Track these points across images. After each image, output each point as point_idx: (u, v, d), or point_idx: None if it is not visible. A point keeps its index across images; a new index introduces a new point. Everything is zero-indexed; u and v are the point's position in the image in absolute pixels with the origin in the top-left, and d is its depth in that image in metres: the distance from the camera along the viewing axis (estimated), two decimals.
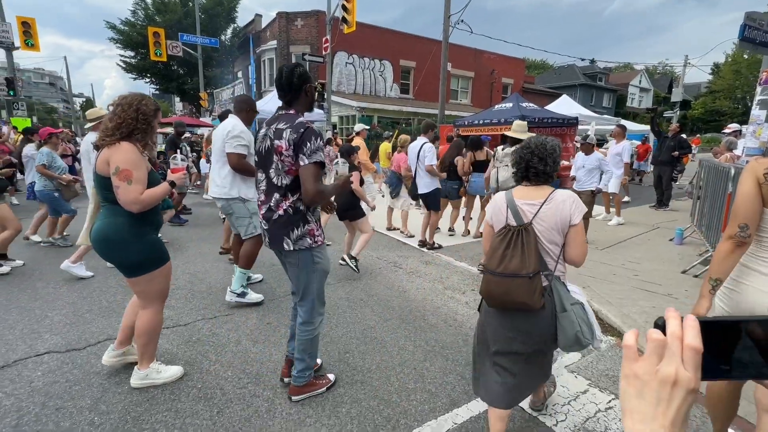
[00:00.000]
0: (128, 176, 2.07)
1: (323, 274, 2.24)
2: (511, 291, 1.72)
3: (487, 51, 24.98)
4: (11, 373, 2.51)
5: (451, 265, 4.97)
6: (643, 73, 43.41)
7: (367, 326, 3.28)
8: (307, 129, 1.99)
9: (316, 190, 1.99)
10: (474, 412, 2.28)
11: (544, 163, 1.83)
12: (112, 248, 2.20)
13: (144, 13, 23.40)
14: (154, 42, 16.93)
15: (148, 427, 2.09)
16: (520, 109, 12.23)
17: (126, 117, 2.16)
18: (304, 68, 2.16)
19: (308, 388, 2.34)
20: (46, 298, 3.64)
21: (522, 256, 1.72)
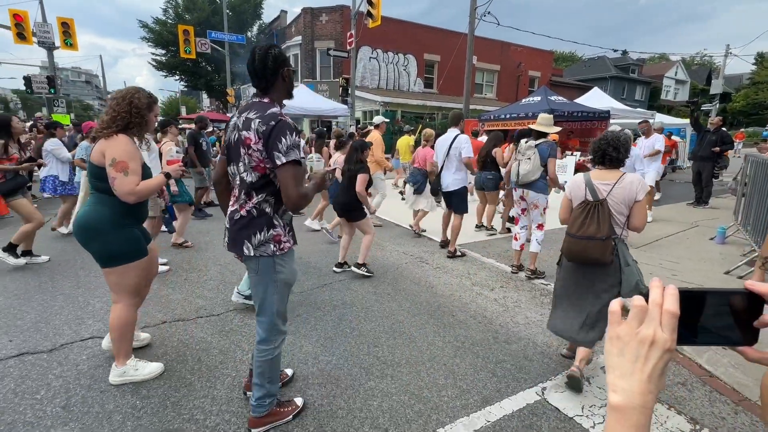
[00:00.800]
0: (124, 167, 2.13)
1: (285, 286, 1.94)
2: (588, 249, 2.34)
3: (513, 43, 24.40)
4: (59, 356, 2.64)
5: (478, 261, 4.90)
6: (679, 64, 41.41)
7: (395, 321, 3.27)
8: (279, 122, 1.72)
9: (299, 194, 1.73)
10: (507, 411, 2.23)
11: (617, 151, 2.37)
12: (91, 235, 2.21)
13: (174, 11, 24.05)
14: (184, 39, 17.37)
15: (186, 412, 2.16)
16: (548, 103, 11.91)
17: (120, 110, 2.21)
18: (280, 49, 1.87)
19: (270, 418, 2.03)
20: (88, 286, 3.81)
21: (597, 224, 2.31)
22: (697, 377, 2.59)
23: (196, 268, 4.37)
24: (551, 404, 2.30)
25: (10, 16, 13.68)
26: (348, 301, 3.62)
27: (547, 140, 4.11)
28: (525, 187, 4.17)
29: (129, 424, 2.05)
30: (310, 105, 14.13)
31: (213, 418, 2.12)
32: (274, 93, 1.86)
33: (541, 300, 3.76)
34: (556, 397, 2.35)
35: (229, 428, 2.05)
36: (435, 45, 21.28)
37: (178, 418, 2.12)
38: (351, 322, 3.24)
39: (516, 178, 4.18)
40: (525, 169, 4.07)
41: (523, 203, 4.30)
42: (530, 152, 4.09)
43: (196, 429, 2.04)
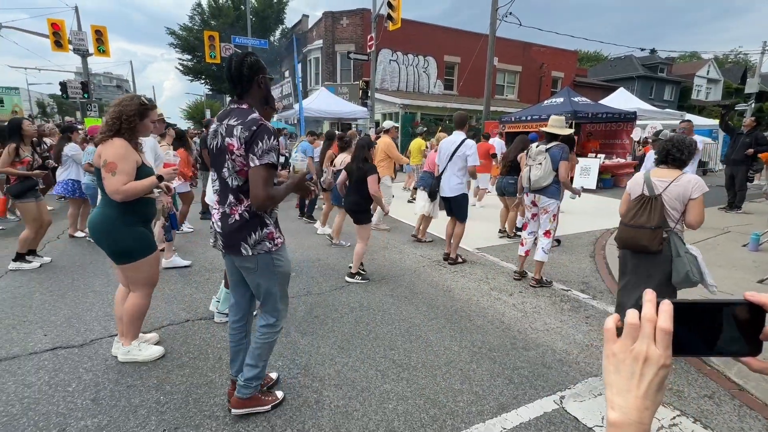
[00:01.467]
0: (113, 168, 2.27)
1: (284, 276, 2.07)
2: (637, 237, 2.62)
3: (536, 44, 24.00)
4: (90, 351, 2.77)
5: (497, 265, 4.85)
6: (711, 62, 39.75)
7: (412, 324, 3.28)
8: (260, 127, 1.79)
9: (266, 195, 1.80)
10: (524, 419, 2.21)
11: (681, 153, 2.61)
12: (100, 236, 2.40)
13: (200, 18, 24.79)
14: (209, 45, 17.88)
15: (207, 409, 2.23)
16: (571, 104, 11.69)
17: (113, 116, 2.35)
18: (257, 58, 1.93)
19: (252, 403, 2.14)
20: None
21: (648, 215, 2.57)
22: (725, 390, 2.49)
23: (218, 267, 4.49)
24: (570, 413, 2.26)
25: (48, 25, 14.40)
26: (365, 304, 3.65)
27: (558, 143, 3.98)
28: (537, 192, 4.05)
29: (153, 419, 2.13)
30: (330, 107, 14.31)
31: (232, 415, 2.17)
32: (249, 98, 1.93)
33: (561, 306, 3.69)
34: (574, 407, 2.31)
35: (248, 426, 2.10)
36: (455, 46, 21.16)
37: (199, 414, 2.18)
38: (368, 324, 3.26)
39: (528, 184, 4.04)
40: (536, 175, 3.94)
41: (534, 208, 4.18)
42: (541, 157, 3.95)
43: (216, 426, 2.10)
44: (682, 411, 2.29)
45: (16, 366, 2.57)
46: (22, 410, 2.17)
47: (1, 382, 2.40)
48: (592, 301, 3.83)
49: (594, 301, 3.83)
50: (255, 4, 23.75)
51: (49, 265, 4.47)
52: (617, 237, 2.86)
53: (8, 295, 3.66)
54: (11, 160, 4.24)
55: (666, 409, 2.30)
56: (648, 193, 2.65)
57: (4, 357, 2.67)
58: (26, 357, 2.68)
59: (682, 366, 2.75)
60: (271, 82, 2.03)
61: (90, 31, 15.36)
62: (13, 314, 3.28)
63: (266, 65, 2.02)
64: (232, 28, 22.93)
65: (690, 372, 2.68)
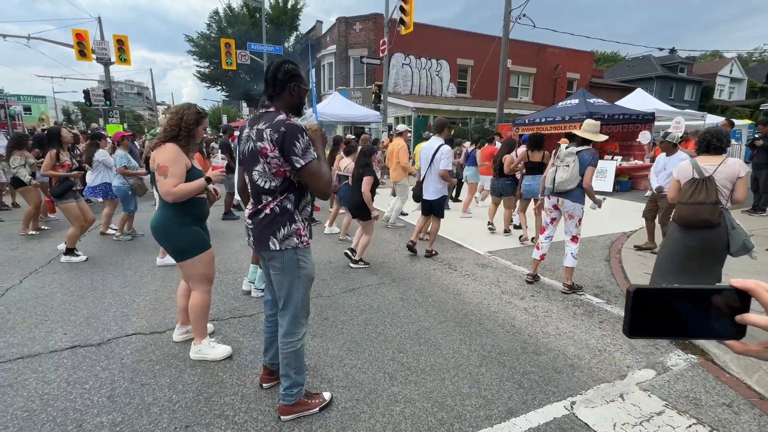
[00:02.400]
0: (164, 171, 2.41)
1: (308, 280, 2.09)
2: (699, 212, 2.94)
3: (550, 45, 23.73)
4: (106, 350, 2.85)
5: (509, 269, 4.79)
6: (734, 60, 38.61)
7: (421, 327, 3.27)
8: (288, 127, 1.84)
9: (326, 184, 1.95)
10: (533, 424, 2.18)
11: (720, 141, 3.02)
12: (160, 235, 2.59)
13: (217, 26, 25.34)
14: (226, 52, 18.26)
15: (217, 408, 2.27)
16: (587, 106, 11.51)
17: (171, 123, 2.52)
18: (294, 66, 2.00)
19: (299, 408, 2.18)
20: (134, 285, 4.08)
21: (706, 192, 2.92)
22: (745, 399, 2.40)
23: (231, 270, 4.57)
24: (580, 420, 2.22)
25: (73, 35, 14.96)
26: (375, 306, 3.65)
27: (589, 148, 3.85)
28: (560, 196, 3.94)
29: (165, 417, 2.18)
30: (343, 112, 14.41)
31: (242, 415, 2.21)
32: (279, 102, 1.99)
33: (574, 311, 3.63)
34: (585, 413, 2.27)
35: (256, 426, 2.13)
36: (468, 49, 21.10)
37: (209, 413, 2.22)
38: (377, 327, 3.27)
39: (552, 185, 3.94)
40: (562, 177, 3.82)
41: (555, 212, 4.08)
42: (570, 159, 3.82)
43: (226, 424, 2.14)
44: (699, 419, 2.22)
45: (37, 363, 2.66)
46: (42, 406, 2.25)
47: (22, 379, 2.49)
48: (606, 305, 3.75)
49: (608, 305, 3.75)
50: (270, 11, 24.16)
51: (70, 266, 4.62)
52: (677, 217, 3.13)
53: (31, 295, 3.80)
54: (53, 164, 4.68)
55: (682, 417, 2.24)
56: (698, 176, 3.02)
57: (26, 354, 2.77)
58: (47, 355, 2.77)
59: (699, 373, 2.68)
60: (306, 93, 2.07)
61: (112, 40, 15.89)
62: (36, 313, 3.40)
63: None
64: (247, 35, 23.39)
65: (707, 379, 2.60)
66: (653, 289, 0.64)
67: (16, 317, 3.33)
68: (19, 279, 4.19)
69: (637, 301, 0.64)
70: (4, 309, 3.48)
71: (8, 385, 2.43)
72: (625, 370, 2.70)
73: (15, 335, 3.03)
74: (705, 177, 2.99)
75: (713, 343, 2.91)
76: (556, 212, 4.08)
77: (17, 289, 3.95)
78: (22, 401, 2.28)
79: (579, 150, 3.85)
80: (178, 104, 2.64)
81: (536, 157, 5.57)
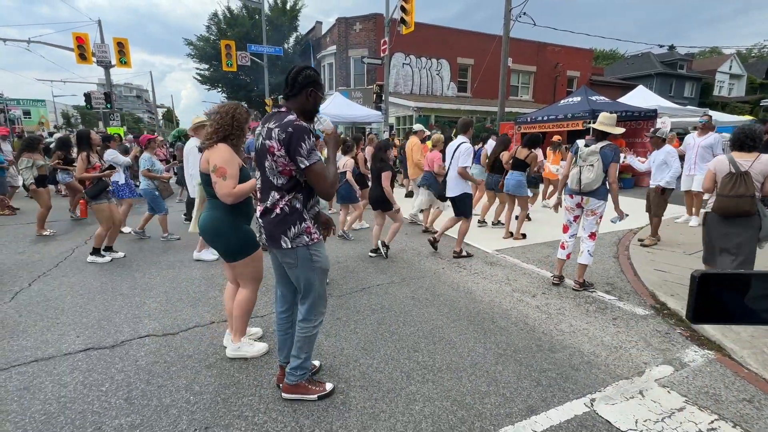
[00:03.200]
0: (223, 173, 2.39)
1: (323, 272, 2.18)
2: (739, 204, 3.21)
3: (550, 43, 23.75)
4: (120, 352, 2.83)
5: (518, 267, 4.78)
6: (734, 57, 38.62)
7: (434, 326, 3.26)
8: (295, 128, 1.91)
9: (329, 185, 2.01)
10: (554, 422, 2.16)
11: (753, 141, 3.30)
12: (214, 237, 2.57)
13: (217, 27, 25.33)
14: (226, 54, 18.26)
15: (236, 409, 2.25)
16: (589, 103, 11.49)
17: (223, 123, 2.48)
18: (315, 72, 2.08)
19: (299, 390, 2.29)
20: (144, 287, 4.07)
21: (746, 186, 3.20)
22: (765, 394, 2.39)
23: None
24: (601, 417, 2.20)
25: (73, 38, 14.94)
26: (386, 306, 3.64)
27: (610, 143, 3.79)
28: (587, 195, 3.86)
29: (184, 419, 2.17)
30: (345, 112, 14.41)
31: (261, 416, 2.20)
32: (293, 103, 2.06)
33: (586, 308, 3.62)
34: (606, 410, 2.25)
35: (276, 426, 2.12)
36: (468, 48, 21.10)
37: (228, 414, 2.21)
38: (390, 326, 3.26)
39: (578, 186, 3.84)
40: (588, 178, 3.74)
41: (578, 210, 4.00)
42: (593, 158, 3.74)
43: (246, 425, 2.13)
44: (721, 415, 2.21)
45: (52, 366, 2.65)
46: (59, 409, 2.24)
47: (38, 382, 2.48)
48: (618, 302, 3.74)
49: (620, 302, 3.74)
50: (269, 12, 24.15)
51: (79, 269, 4.61)
52: (717, 207, 3.35)
53: (41, 298, 3.78)
54: (85, 166, 4.73)
55: (703, 413, 2.23)
56: (735, 170, 3.27)
57: (40, 357, 2.75)
58: (61, 357, 2.76)
59: (717, 369, 2.66)
60: (321, 101, 2.14)
61: (112, 43, 15.87)
62: (47, 317, 3.39)
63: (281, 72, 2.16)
64: (247, 36, 23.39)
65: (726, 375, 2.59)
66: (718, 275, 0.64)
67: (27, 320, 3.32)
68: (27, 282, 4.18)
69: (702, 287, 0.64)
70: (15, 312, 3.47)
71: (24, 388, 2.42)
72: (642, 367, 2.69)
73: (28, 338, 3.02)
74: (742, 172, 3.24)
75: (730, 338, 2.90)
76: (579, 210, 4.00)
77: (27, 292, 3.93)
78: (40, 404, 2.27)
79: (601, 147, 3.76)
80: (224, 104, 2.64)
81: (521, 154, 5.87)
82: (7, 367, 2.64)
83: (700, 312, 0.65)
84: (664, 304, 3.62)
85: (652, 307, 3.61)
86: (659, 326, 3.27)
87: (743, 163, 3.26)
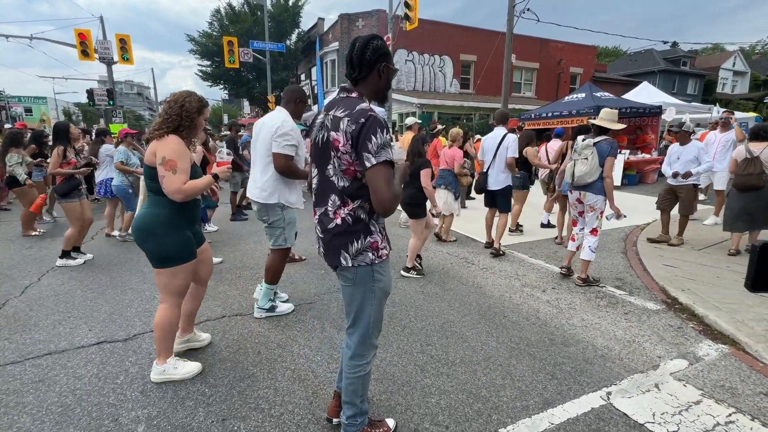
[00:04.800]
0: (173, 166, 2.17)
1: (383, 294, 1.78)
2: (750, 180, 4.46)
3: (554, 40, 23.63)
4: (133, 345, 2.83)
5: (525, 262, 4.77)
6: (737, 53, 38.42)
7: (446, 320, 3.25)
8: (369, 119, 1.53)
9: (392, 196, 1.54)
10: (571, 414, 2.16)
11: (765, 132, 4.66)
12: (147, 237, 2.27)
13: (219, 23, 25.26)
14: (228, 50, 18.21)
15: (252, 401, 2.25)
16: (594, 99, 11.47)
17: (171, 113, 2.26)
18: (383, 42, 1.69)
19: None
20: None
21: (755, 167, 4.46)
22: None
23: (248, 266, 4.55)
24: (618, 410, 2.20)
25: (75, 35, 14.89)
26: (397, 301, 3.64)
27: (607, 138, 3.82)
28: (582, 189, 3.91)
29: (201, 410, 2.17)
30: None
31: (277, 408, 2.19)
32: (364, 87, 1.70)
33: (597, 303, 3.61)
34: (623, 403, 2.25)
35: (293, 418, 2.12)
36: (471, 45, 21.01)
37: (244, 406, 2.21)
38: (401, 320, 3.25)
39: (571, 179, 3.90)
40: (581, 170, 3.78)
41: (580, 205, 4.03)
42: (587, 151, 3.78)
43: (263, 417, 2.12)
44: (738, 408, 2.20)
45: (66, 359, 2.65)
46: (76, 401, 2.24)
47: (53, 374, 2.48)
48: (629, 297, 3.73)
49: (631, 297, 3.73)
50: (271, 9, 24.07)
51: (87, 263, 4.61)
52: (735, 183, 4.73)
53: (51, 292, 3.78)
54: (60, 161, 4.48)
55: (720, 406, 2.22)
56: (749, 156, 4.54)
57: (53, 351, 2.76)
58: (74, 351, 2.76)
59: (732, 363, 2.66)
60: (395, 74, 1.80)
61: (114, 39, 15.83)
62: (58, 311, 3.39)
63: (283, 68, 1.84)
64: (249, 32, 23.32)
65: (741, 369, 2.58)
66: None
67: (39, 314, 3.32)
68: (37, 277, 4.18)
69: (764, 256, 0.63)
70: (26, 306, 3.47)
71: (39, 380, 2.42)
72: (656, 361, 2.68)
73: (40, 332, 3.02)
74: (754, 156, 4.53)
75: (744, 332, 2.89)
76: (581, 205, 4.02)
77: (36, 286, 3.94)
78: (56, 396, 2.27)
79: (596, 141, 3.81)
80: (176, 93, 2.35)
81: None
82: (21, 359, 2.64)
83: (759, 281, 0.64)
84: (675, 299, 3.61)
85: (663, 302, 3.60)
86: (671, 321, 3.26)
87: (755, 150, 4.55)
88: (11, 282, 4.04)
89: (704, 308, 3.29)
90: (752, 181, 4.45)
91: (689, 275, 4.07)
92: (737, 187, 4.61)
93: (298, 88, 3.32)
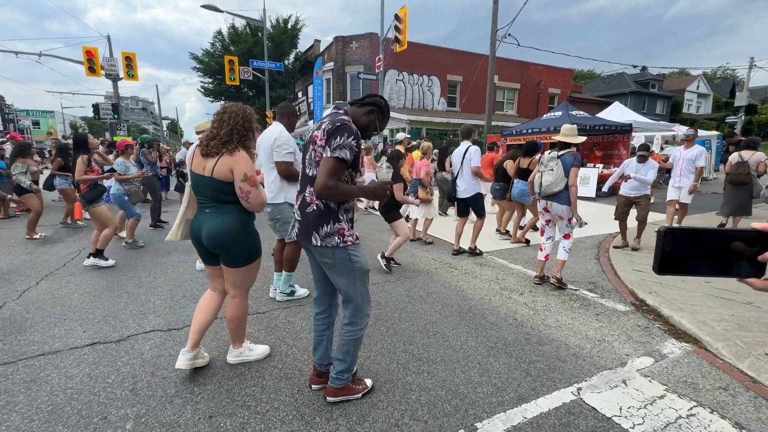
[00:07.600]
0: (255, 182, 2.20)
1: (364, 272, 2.00)
2: (739, 177, 6.09)
3: (533, 63, 24.16)
4: (126, 346, 2.77)
5: (506, 267, 4.79)
6: (701, 77, 39.64)
7: (429, 321, 3.24)
8: (345, 124, 1.79)
9: (324, 184, 1.75)
10: (544, 409, 2.15)
11: (755, 143, 6.33)
12: (236, 240, 2.24)
13: (221, 44, 25.39)
14: (229, 68, 18.27)
15: (239, 399, 2.21)
16: (570, 117, 11.70)
17: (235, 123, 2.18)
18: (386, 103, 2.07)
19: (344, 392, 2.16)
20: (148, 285, 4.00)
21: (743, 168, 6.09)
22: (739, 383, 2.41)
23: None
24: (588, 404, 2.20)
25: (83, 52, 14.84)
26: (383, 303, 3.62)
27: (570, 150, 3.90)
28: (548, 199, 3.96)
29: (188, 408, 2.12)
30: None
31: (263, 405, 2.15)
32: (352, 110, 2.01)
33: (571, 305, 3.63)
34: (592, 398, 2.25)
35: (278, 414, 2.08)
36: (457, 66, 21.38)
37: (231, 403, 2.17)
38: (386, 321, 3.23)
39: (539, 189, 3.98)
40: (547, 180, 3.85)
41: (548, 214, 4.08)
42: (552, 163, 3.87)
43: (249, 414, 2.08)
44: (699, 402, 2.22)
45: (59, 359, 2.58)
46: (66, 400, 2.17)
47: (45, 374, 2.40)
48: (600, 299, 3.76)
49: (603, 299, 3.76)
50: (271, 30, 24.27)
51: (85, 269, 4.52)
52: (729, 180, 6.21)
53: (48, 296, 3.70)
54: (84, 169, 4.57)
55: (683, 400, 2.23)
56: (740, 160, 6.03)
57: (47, 351, 2.68)
58: (67, 351, 2.69)
59: (694, 360, 2.68)
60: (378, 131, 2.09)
61: (121, 57, 15.81)
62: (54, 313, 3.31)
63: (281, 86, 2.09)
64: (250, 52, 23.46)
65: (702, 365, 2.61)
66: (681, 230, 0.66)
67: (35, 316, 3.23)
68: (35, 281, 4.09)
69: (667, 241, 0.65)
70: (22, 309, 3.38)
71: (31, 380, 2.34)
72: (624, 358, 2.70)
73: (35, 333, 2.94)
74: (744, 161, 6.05)
75: (705, 332, 2.93)
76: (548, 214, 4.08)
77: (34, 290, 3.84)
78: (46, 395, 2.20)
79: (561, 154, 3.89)
80: (229, 104, 2.26)
81: (524, 163, 5.76)
82: (14, 360, 2.56)
83: (665, 264, 0.65)
84: (643, 301, 3.65)
85: (632, 304, 3.64)
86: (639, 321, 3.29)
87: (745, 156, 6.09)
88: (9, 286, 3.94)
89: (669, 309, 3.32)
90: (741, 178, 5.99)
91: (656, 279, 4.12)
92: (731, 182, 6.10)
93: (289, 104, 3.67)
